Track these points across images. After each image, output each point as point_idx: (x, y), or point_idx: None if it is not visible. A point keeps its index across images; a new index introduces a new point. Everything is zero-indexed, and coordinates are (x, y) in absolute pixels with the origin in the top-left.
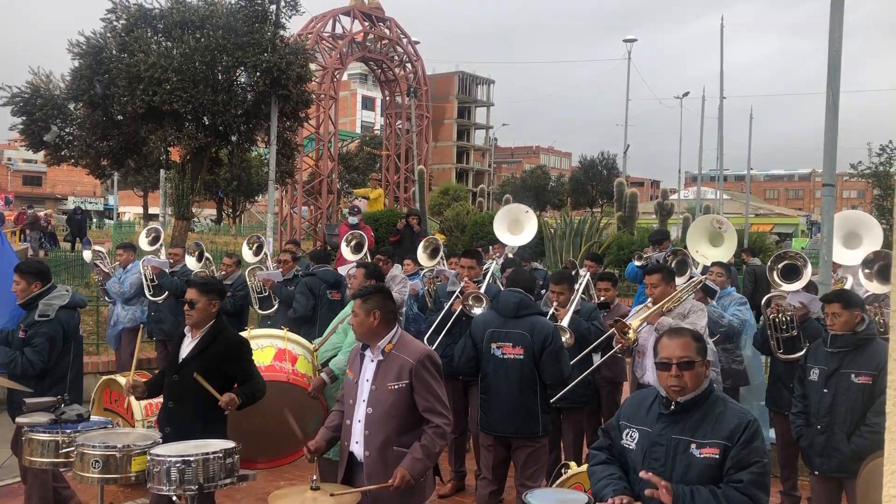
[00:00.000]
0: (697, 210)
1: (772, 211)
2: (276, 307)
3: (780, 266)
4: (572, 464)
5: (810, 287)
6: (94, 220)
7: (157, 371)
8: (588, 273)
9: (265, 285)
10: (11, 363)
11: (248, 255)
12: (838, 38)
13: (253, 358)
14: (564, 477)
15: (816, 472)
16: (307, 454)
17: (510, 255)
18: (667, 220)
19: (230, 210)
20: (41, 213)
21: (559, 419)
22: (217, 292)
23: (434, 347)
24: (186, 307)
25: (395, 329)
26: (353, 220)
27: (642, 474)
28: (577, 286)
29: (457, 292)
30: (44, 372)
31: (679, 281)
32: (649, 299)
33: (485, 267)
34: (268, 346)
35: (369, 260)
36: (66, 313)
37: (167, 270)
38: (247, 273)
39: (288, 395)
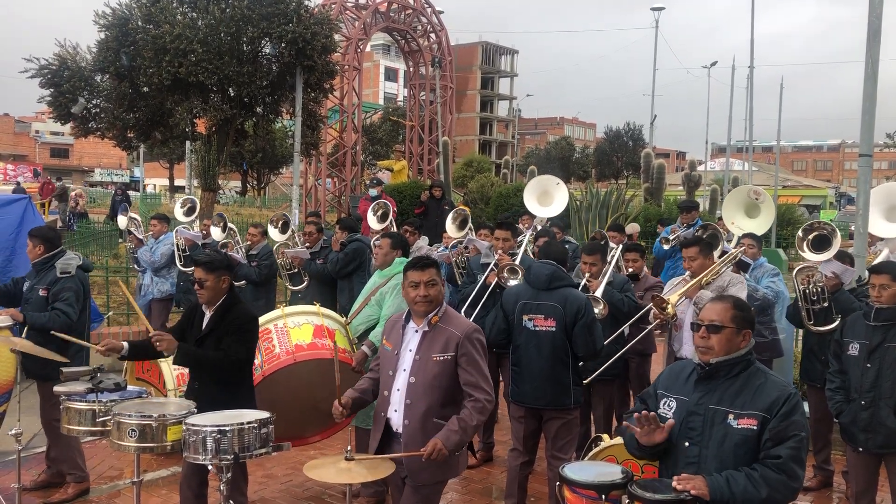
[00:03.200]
0: (725, 181)
1: (800, 182)
2: (306, 283)
3: (810, 237)
4: (605, 436)
5: (845, 258)
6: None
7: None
8: (621, 246)
9: (294, 262)
10: (49, 321)
11: (274, 233)
12: (879, 3)
13: (253, 339)
14: (597, 449)
15: (860, 449)
16: (336, 409)
17: (538, 227)
18: (694, 191)
19: (255, 182)
20: (72, 193)
21: (588, 393)
22: (224, 268)
23: (471, 319)
24: (196, 287)
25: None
26: (373, 192)
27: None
28: (609, 258)
29: (491, 265)
30: (69, 328)
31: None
32: (687, 273)
33: (519, 238)
34: (305, 324)
35: (395, 230)
36: (82, 273)
37: (199, 242)
38: (275, 249)
39: (333, 371)
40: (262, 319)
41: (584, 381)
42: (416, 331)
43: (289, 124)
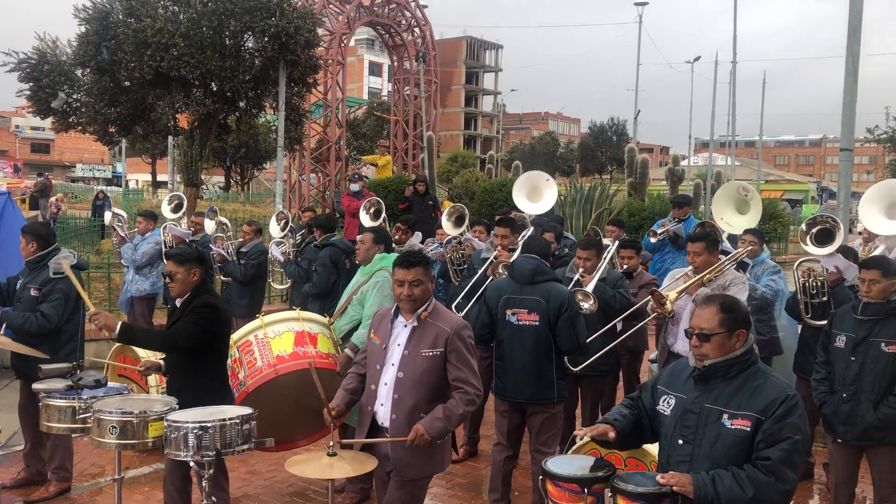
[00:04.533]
0: (708, 176)
1: (782, 177)
2: (289, 284)
3: (813, 231)
4: None
5: (849, 255)
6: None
7: None
8: (617, 243)
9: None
10: (26, 322)
11: (275, 230)
12: None
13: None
14: (580, 443)
15: (839, 441)
16: (327, 416)
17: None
18: (678, 186)
19: (238, 177)
20: (52, 198)
21: (578, 387)
22: (194, 261)
23: (464, 313)
24: (167, 279)
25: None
26: (354, 187)
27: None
28: (604, 254)
29: (490, 259)
30: (58, 329)
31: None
32: (690, 268)
33: (521, 234)
34: (286, 332)
35: (388, 227)
36: (76, 272)
37: (188, 240)
38: (269, 246)
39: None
40: (242, 331)
41: (576, 370)
42: (405, 325)
43: (272, 119)
